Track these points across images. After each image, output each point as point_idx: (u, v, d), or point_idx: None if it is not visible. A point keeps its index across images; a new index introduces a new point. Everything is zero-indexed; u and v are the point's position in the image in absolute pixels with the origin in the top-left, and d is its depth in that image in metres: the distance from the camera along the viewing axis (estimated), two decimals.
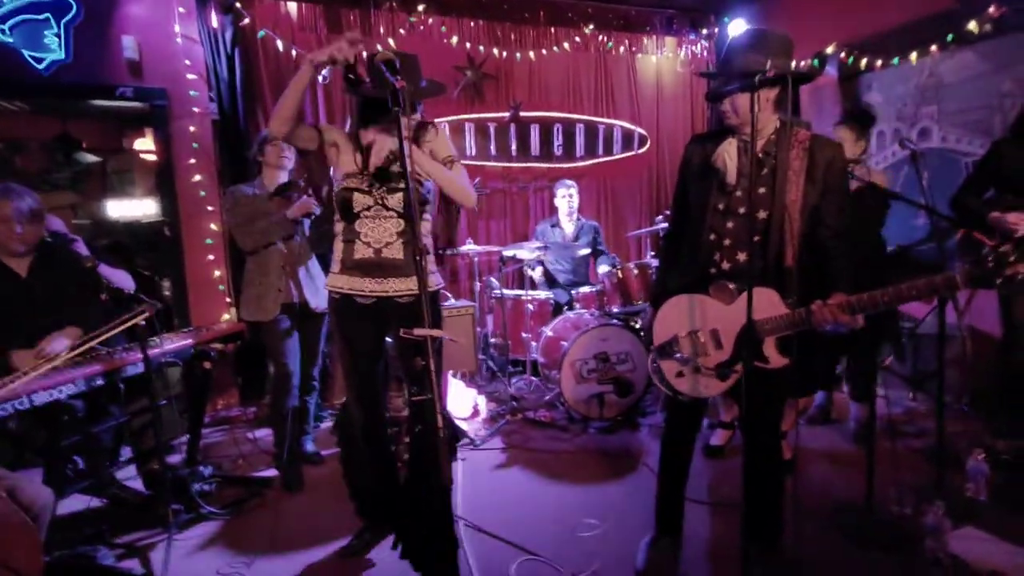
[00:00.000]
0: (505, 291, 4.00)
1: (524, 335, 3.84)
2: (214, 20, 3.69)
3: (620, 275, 3.49)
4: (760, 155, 1.68)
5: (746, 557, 1.52)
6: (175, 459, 2.91)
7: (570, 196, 4.26)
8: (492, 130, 4.59)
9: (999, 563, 1.89)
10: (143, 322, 1.99)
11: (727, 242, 1.74)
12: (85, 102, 3.77)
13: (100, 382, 2.10)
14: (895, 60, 3.92)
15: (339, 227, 1.97)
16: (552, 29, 4.67)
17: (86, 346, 1.99)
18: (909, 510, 2.15)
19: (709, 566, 1.99)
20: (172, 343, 2.39)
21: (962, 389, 3.32)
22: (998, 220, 2.48)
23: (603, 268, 4.16)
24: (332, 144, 1.96)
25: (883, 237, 2.98)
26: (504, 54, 4.53)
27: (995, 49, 3.39)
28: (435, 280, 2.03)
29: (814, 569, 1.90)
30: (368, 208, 1.88)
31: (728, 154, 1.71)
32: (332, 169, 2.01)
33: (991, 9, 3.33)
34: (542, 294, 4.01)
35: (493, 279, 4.15)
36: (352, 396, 2.05)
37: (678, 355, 1.78)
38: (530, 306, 3.88)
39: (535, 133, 4.71)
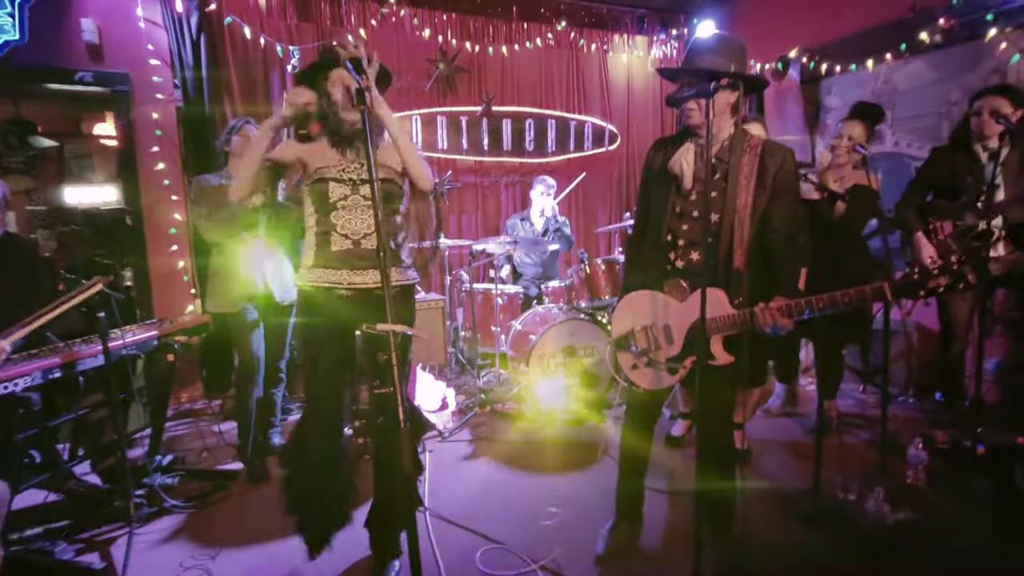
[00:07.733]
0: (475, 285, 4.03)
1: (494, 328, 3.89)
2: (179, 4, 3.60)
3: (588, 270, 3.56)
4: (715, 160, 1.74)
5: (699, 541, 1.60)
6: (136, 453, 2.86)
7: (549, 193, 4.27)
8: (464, 124, 4.60)
9: None
10: (96, 296, 1.94)
11: (681, 243, 1.80)
12: (41, 85, 3.63)
13: (57, 375, 2.05)
14: (853, 66, 4.08)
15: (311, 221, 1.88)
16: (525, 24, 4.70)
17: (37, 323, 1.93)
18: (853, 495, 2.28)
19: (666, 549, 2.07)
20: (134, 335, 2.35)
21: (907, 382, 3.50)
22: (917, 245, 2.73)
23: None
24: (296, 160, 1.90)
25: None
26: (477, 48, 4.55)
27: (944, 59, 3.56)
28: (411, 275, 1.99)
29: (762, 548, 2.00)
30: (345, 198, 1.82)
31: (685, 159, 1.76)
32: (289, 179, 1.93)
33: (941, 21, 3.49)
34: (511, 288, 4.05)
35: (463, 272, 4.18)
36: (312, 406, 1.91)
37: (633, 348, 1.85)
38: (500, 300, 3.93)
39: (507, 128, 4.74)
